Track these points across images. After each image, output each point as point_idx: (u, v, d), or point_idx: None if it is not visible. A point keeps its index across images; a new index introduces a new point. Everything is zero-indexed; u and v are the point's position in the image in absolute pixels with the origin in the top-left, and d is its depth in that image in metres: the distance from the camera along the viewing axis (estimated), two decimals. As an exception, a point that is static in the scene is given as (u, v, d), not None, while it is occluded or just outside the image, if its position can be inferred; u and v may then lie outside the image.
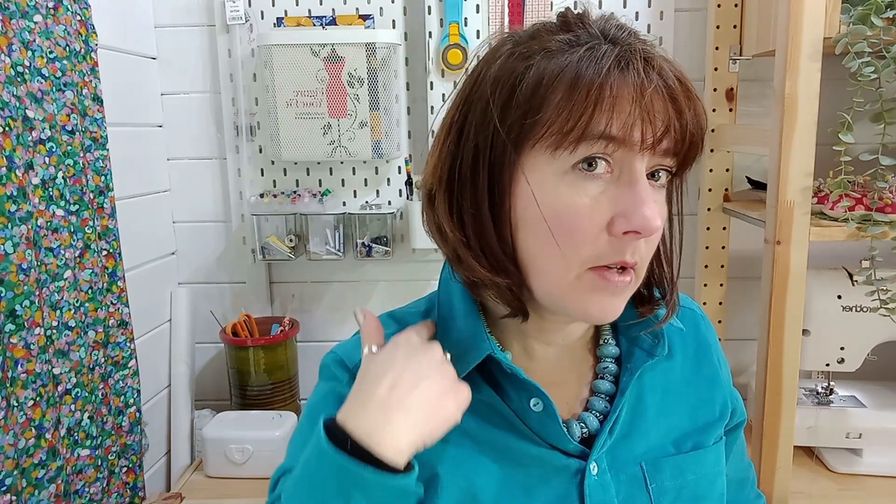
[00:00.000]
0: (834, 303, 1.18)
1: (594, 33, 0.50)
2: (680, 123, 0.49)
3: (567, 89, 0.48)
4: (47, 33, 1.04)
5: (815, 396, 1.28)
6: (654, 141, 0.49)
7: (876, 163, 1.00)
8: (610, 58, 0.48)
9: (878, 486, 1.19)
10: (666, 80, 0.49)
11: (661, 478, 0.60)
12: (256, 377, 1.41)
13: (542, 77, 0.49)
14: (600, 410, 0.60)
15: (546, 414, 0.57)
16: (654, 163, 0.51)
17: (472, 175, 0.53)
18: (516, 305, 0.56)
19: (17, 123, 0.96)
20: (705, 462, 0.63)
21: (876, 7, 0.95)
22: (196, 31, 1.44)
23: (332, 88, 1.34)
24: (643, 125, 0.48)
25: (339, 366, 0.62)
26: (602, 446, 0.59)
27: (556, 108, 0.48)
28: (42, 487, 1.00)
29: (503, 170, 0.52)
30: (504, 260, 0.53)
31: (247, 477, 1.30)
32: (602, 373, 0.62)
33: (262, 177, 1.48)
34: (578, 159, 0.49)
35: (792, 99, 0.99)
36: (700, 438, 0.63)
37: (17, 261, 0.95)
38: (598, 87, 0.47)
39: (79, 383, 1.09)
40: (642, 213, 0.49)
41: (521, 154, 0.51)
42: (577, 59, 0.49)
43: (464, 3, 1.39)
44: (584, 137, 0.48)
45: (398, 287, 1.53)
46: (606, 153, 0.49)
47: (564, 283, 0.52)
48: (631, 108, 0.48)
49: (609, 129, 0.48)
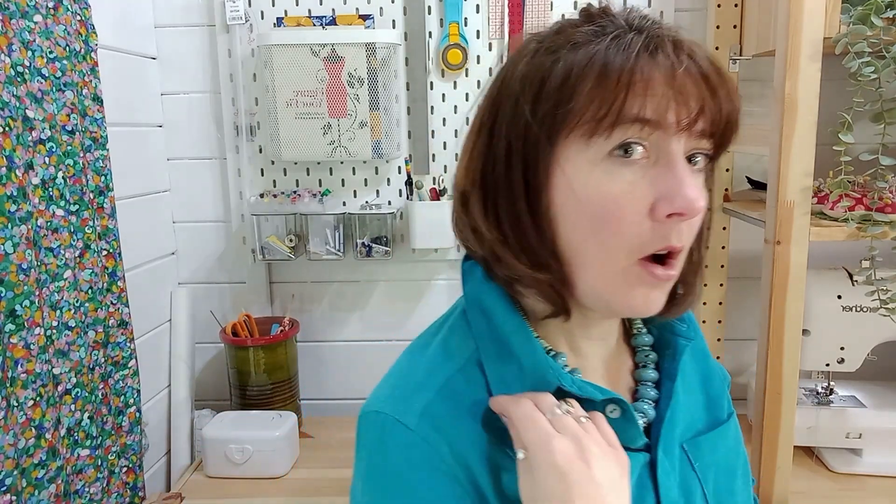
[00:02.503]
0: (834, 303, 1.18)
1: (619, 24, 0.51)
2: (714, 103, 0.49)
3: (597, 77, 0.48)
4: (47, 33, 1.04)
5: (815, 396, 1.28)
6: (689, 122, 0.48)
7: (876, 163, 1.00)
8: (638, 43, 0.48)
9: (878, 486, 1.19)
10: (697, 60, 0.49)
11: (702, 455, 0.61)
12: (256, 377, 1.41)
13: (571, 67, 0.49)
14: (650, 398, 0.60)
15: (625, 419, 0.55)
16: (690, 146, 0.50)
17: (506, 172, 0.52)
18: (559, 303, 0.54)
19: (17, 123, 0.96)
20: (728, 434, 0.64)
21: (876, 7, 0.95)
22: (196, 31, 1.44)
23: (332, 88, 1.34)
24: (677, 107, 0.48)
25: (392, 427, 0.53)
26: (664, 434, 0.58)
27: (588, 96, 0.48)
28: (42, 487, 1.00)
29: (538, 164, 0.51)
30: (545, 255, 0.52)
31: (247, 477, 1.30)
32: (644, 361, 0.62)
33: (262, 177, 1.48)
34: (614, 145, 0.49)
35: (792, 99, 0.99)
36: (717, 413, 0.65)
37: (17, 261, 0.95)
38: (628, 71, 0.47)
39: (79, 383, 1.09)
40: (685, 193, 0.48)
41: (556, 146, 0.50)
42: (605, 47, 0.49)
43: (464, 3, 1.39)
44: (619, 122, 0.48)
45: (398, 287, 1.53)
46: (642, 137, 0.49)
47: (609, 276, 0.51)
48: (663, 90, 0.47)
49: (643, 111, 0.48)
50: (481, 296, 0.58)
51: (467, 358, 0.56)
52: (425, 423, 0.53)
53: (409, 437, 0.52)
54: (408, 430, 0.53)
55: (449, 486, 0.52)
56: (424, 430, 0.52)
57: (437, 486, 0.51)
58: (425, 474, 0.52)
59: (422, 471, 0.52)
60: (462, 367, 0.56)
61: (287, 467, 1.32)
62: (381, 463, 0.53)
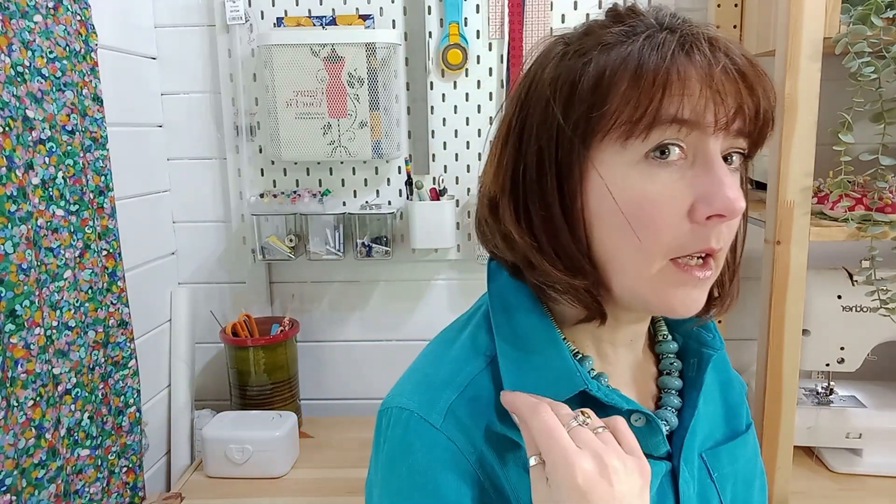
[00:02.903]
0: (834, 303, 1.18)
1: (649, 23, 0.50)
2: (752, 101, 0.48)
3: (632, 78, 0.47)
4: (47, 33, 1.03)
5: (815, 396, 1.28)
6: (727, 121, 0.48)
7: (876, 163, 1.00)
8: (672, 43, 0.47)
9: (878, 486, 1.19)
10: (733, 58, 0.48)
11: (720, 466, 0.60)
12: (256, 377, 1.41)
13: (604, 69, 0.48)
14: (675, 406, 0.60)
15: (650, 429, 0.55)
16: (726, 145, 0.49)
17: (538, 177, 0.52)
18: (595, 308, 0.53)
19: (17, 123, 0.96)
20: (746, 445, 0.64)
21: (876, 7, 0.95)
22: (196, 31, 1.44)
23: (332, 88, 1.34)
24: (715, 106, 0.47)
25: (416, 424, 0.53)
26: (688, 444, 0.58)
27: (623, 97, 0.47)
28: (42, 487, 1.00)
29: (572, 167, 0.50)
30: (581, 259, 0.52)
31: (247, 477, 1.30)
32: (668, 369, 0.62)
33: (262, 177, 1.48)
34: (651, 147, 0.48)
35: (792, 99, 0.99)
36: (736, 424, 0.64)
37: (17, 261, 0.95)
38: (664, 71, 0.46)
39: (79, 383, 1.09)
40: (725, 194, 0.47)
41: (590, 150, 0.50)
42: (638, 47, 0.48)
43: (464, 3, 1.39)
44: (656, 123, 0.47)
45: (398, 287, 1.53)
46: (679, 138, 0.48)
47: (645, 278, 0.50)
48: (701, 89, 0.47)
49: (681, 112, 0.47)
50: (506, 295, 0.57)
51: (492, 357, 0.56)
52: (450, 423, 0.52)
53: (435, 436, 0.52)
54: (433, 429, 0.52)
55: (471, 488, 0.52)
56: (450, 429, 0.52)
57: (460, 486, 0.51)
58: (450, 475, 0.52)
59: (446, 471, 0.52)
60: (486, 367, 0.55)
61: (287, 467, 1.32)
62: (405, 460, 0.53)
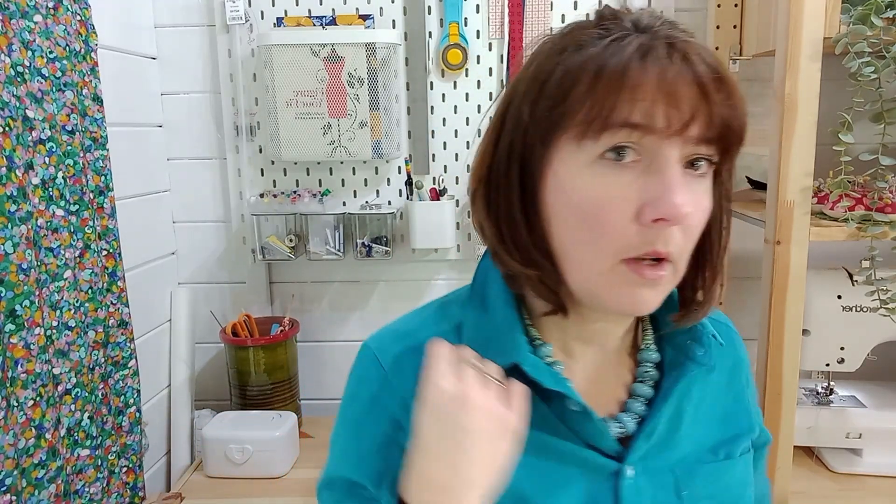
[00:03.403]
0: (834, 303, 1.18)
1: (625, 26, 0.50)
2: (708, 108, 0.48)
3: (591, 79, 0.48)
4: (47, 33, 1.04)
5: (815, 396, 1.28)
6: (680, 127, 0.48)
7: (876, 163, 1.00)
8: (633, 47, 0.48)
9: (878, 486, 1.19)
10: (692, 64, 0.48)
11: (694, 485, 0.59)
12: (256, 377, 1.41)
13: (568, 70, 0.50)
14: (638, 413, 0.60)
15: (585, 417, 0.56)
16: (689, 151, 0.50)
17: (505, 171, 0.54)
18: (553, 300, 0.56)
19: (17, 123, 0.96)
20: (734, 473, 0.63)
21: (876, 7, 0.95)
22: (196, 31, 1.44)
23: (332, 88, 1.34)
24: (667, 111, 0.47)
25: (370, 361, 0.61)
26: (640, 449, 0.58)
27: (580, 98, 0.49)
28: (42, 487, 1.00)
29: (533, 163, 0.53)
30: (534, 252, 0.54)
31: (247, 477, 1.30)
32: (642, 377, 0.62)
33: (262, 177, 1.48)
34: (604, 149, 0.49)
35: (792, 99, 0.99)
36: (730, 449, 0.63)
37: (17, 261, 0.95)
38: (619, 74, 0.47)
39: (79, 383, 1.09)
40: (670, 199, 0.48)
41: (551, 147, 0.52)
42: (601, 50, 0.49)
43: (464, 3, 1.39)
44: (608, 126, 0.48)
45: (398, 287, 1.53)
46: (632, 141, 0.49)
47: (597, 275, 0.51)
48: (653, 94, 0.47)
49: (631, 115, 0.47)
50: (487, 273, 0.61)
51: (457, 325, 0.60)
52: (396, 368, 0.59)
53: (378, 373, 0.59)
54: (381, 369, 0.59)
55: (390, 429, 0.58)
56: (393, 372, 0.59)
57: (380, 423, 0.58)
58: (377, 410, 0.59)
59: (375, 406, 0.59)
60: (449, 331, 0.60)
61: (287, 467, 1.32)
62: (352, 387, 0.62)
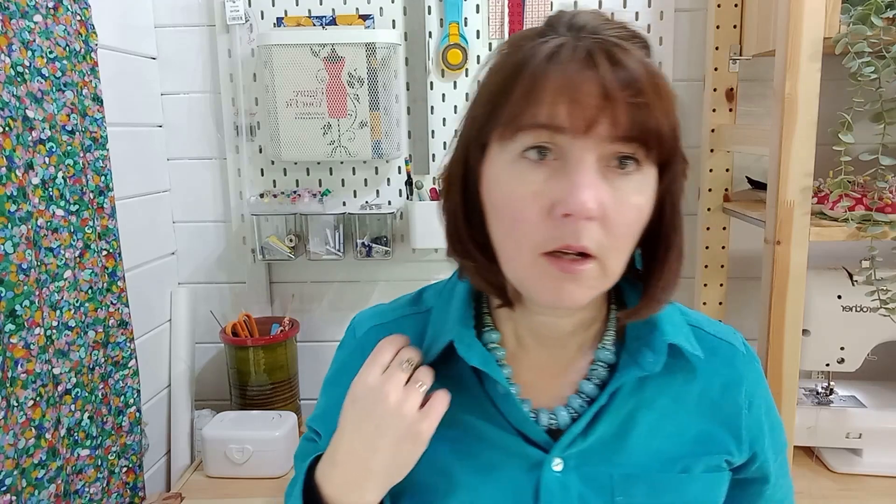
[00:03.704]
0: (834, 303, 1.18)
1: (560, 30, 0.52)
2: (613, 109, 0.49)
3: (510, 82, 0.51)
4: (47, 33, 1.04)
5: (815, 396, 1.28)
6: (585, 127, 0.49)
7: (876, 163, 1.00)
8: (548, 48, 0.50)
9: (878, 486, 1.20)
10: (597, 66, 0.49)
11: (633, 493, 0.59)
12: (256, 377, 1.41)
13: (498, 72, 0.53)
14: (576, 408, 0.60)
15: (510, 402, 0.59)
16: (608, 150, 0.50)
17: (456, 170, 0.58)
18: (492, 291, 0.60)
19: (17, 123, 0.96)
20: (689, 489, 0.60)
21: (876, 7, 0.95)
22: (196, 31, 1.44)
23: (332, 88, 1.34)
24: (571, 111, 0.49)
25: (350, 332, 0.70)
26: (571, 444, 0.59)
27: (500, 101, 0.52)
28: (42, 487, 1.00)
29: (474, 163, 0.57)
30: (469, 244, 0.58)
31: (247, 477, 1.30)
32: (590, 375, 0.62)
33: (262, 177, 1.48)
34: (522, 149, 0.52)
35: (792, 99, 0.99)
36: (689, 463, 0.60)
37: (17, 261, 0.95)
38: (529, 77, 0.50)
39: (79, 383, 1.09)
40: (576, 195, 0.49)
41: (485, 146, 0.55)
42: (524, 52, 0.52)
43: (464, 3, 1.39)
44: (521, 128, 0.51)
45: (398, 287, 1.53)
46: (543, 141, 0.51)
47: (521, 268, 0.54)
48: (557, 95, 0.49)
49: (538, 117, 0.50)
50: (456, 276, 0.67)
51: (426, 310, 0.67)
52: (366, 339, 0.66)
53: (353, 342, 0.68)
54: (354, 338, 0.68)
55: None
56: (364, 342, 0.65)
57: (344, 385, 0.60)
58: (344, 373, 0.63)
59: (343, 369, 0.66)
60: (418, 314, 0.67)
61: (287, 467, 1.32)
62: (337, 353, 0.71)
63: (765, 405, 0.65)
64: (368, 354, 0.61)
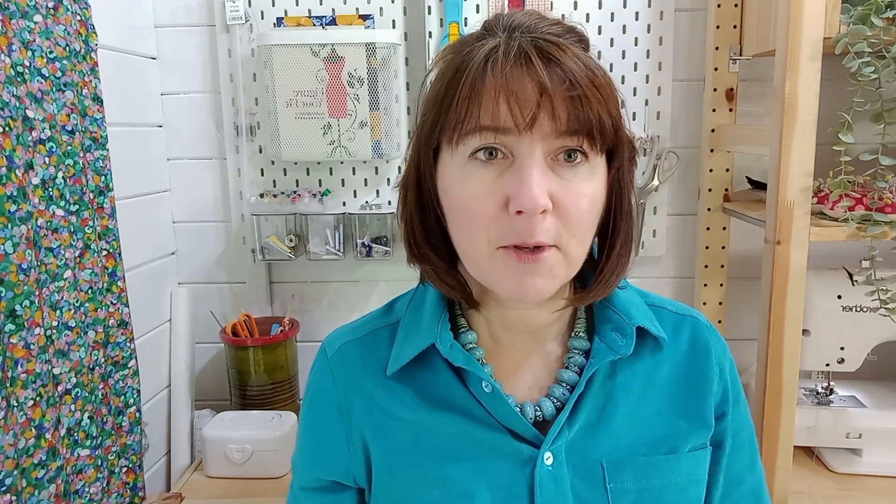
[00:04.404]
0: (834, 303, 1.18)
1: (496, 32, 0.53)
2: (551, 106, 0.50)
3: (452, 87, 0.53)
4: (47, 33, 1.03)
5: (815, 396, 1.28)
6: (526, 125, 0.50)
7: (876, 163, 1.00)
8: (485, 51, 0.51)
9: (878, 486, 1.20)
10: (532, 65, 0.50)
11: (623, 478, 0.59)
12: (256, 377, 1.41)
13: (441, 78, 0.55)
14: (558, 398, 0.61)
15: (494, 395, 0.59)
16: (554, 145, 0.52)
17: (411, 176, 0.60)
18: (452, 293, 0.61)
19: (17, 123, 0.96)
20: (676, 469, 0.61)
21: (876, 7, 0.95)
22: (196, 31, 1.44)
23: (332, 88, 1.34)
24: (511, 110, 0.50)
25: (321, 353, 0.69)
26: (559, 436, 0.59)
27: (445, 106, 0.53)
28: (42, 487, 1.00)
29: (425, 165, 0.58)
30: (425, 248, 0.60)
31: (247, 477, 1.30)
32: (567, 363, 0.63)
33: (262, 177, 1.48)
34: (471, 151, 0.53)
35: (792, 99, 0.99)
36: (676, 444, 0.61)
37: (17, 261, 0.95)
38: (469, 80, 0.51)
39: (79, 383, 1.09)
40: (525, 192, 0.50)
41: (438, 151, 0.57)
42: (466, 55, 0.53)
43: (464, 3, 1.39)
44: (466, 132, 0.52)
45: (398, 287, 1.52)
46: (490, 142, 0.52)
47: (481, 263, 0.55)
48: (497, 96, 0.50)
49: (481, 119, 0.51)
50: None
51: (395, 321, 0.67)
52: (338, 357, 0.66)
53: (324, 363, 0.67)
54: (325, 359, 0.67)
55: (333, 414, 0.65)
56: (335, 362, 0.66)
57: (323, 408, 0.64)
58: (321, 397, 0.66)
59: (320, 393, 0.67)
60: (390, 326, 0.67)
61: (287, 467, 1.32)
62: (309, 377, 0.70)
63: (731, 376, 0.68)
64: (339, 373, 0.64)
